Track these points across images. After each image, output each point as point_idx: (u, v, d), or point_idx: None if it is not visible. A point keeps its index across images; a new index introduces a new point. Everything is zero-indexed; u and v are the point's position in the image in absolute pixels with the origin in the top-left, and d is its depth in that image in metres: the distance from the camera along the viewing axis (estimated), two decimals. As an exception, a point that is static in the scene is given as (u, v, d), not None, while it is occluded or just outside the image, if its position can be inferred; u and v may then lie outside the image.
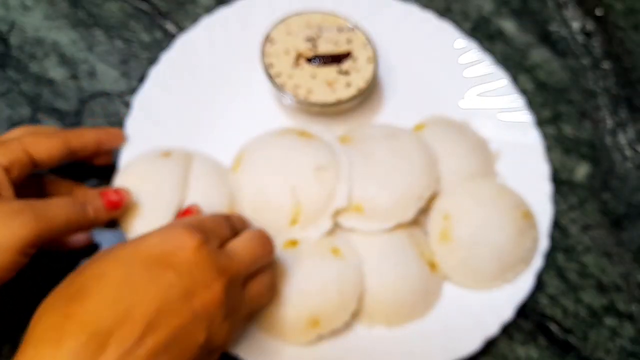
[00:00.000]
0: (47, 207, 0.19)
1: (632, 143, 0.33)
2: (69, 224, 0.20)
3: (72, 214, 0.20)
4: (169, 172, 0.24)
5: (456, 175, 0.27)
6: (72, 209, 0.20)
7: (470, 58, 0.32)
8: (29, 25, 0.33)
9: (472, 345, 0.24)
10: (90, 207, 0.21)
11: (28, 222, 0.18)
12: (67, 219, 0.20)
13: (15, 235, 0.18)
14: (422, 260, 0.26)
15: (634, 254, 0.30)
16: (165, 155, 0.25)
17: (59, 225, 0.19)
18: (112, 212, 0.22)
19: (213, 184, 0.25)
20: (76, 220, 0.20)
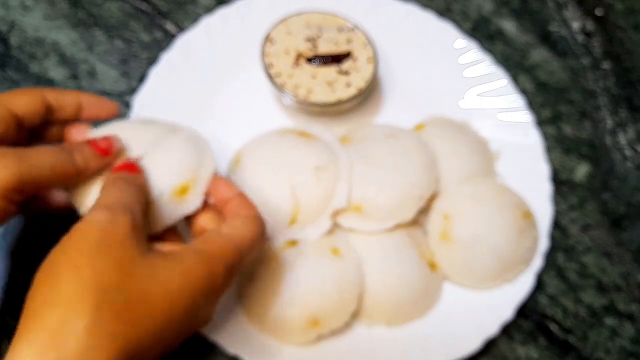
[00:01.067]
0: (31, 152, 0.18)
1: (632, 143, 0.33)
2: (55, 171, 0.19)
3: (58, 160, 0.19)
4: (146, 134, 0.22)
5: (456, 176, 0.27)
6: (58, 155, 0.19)
7: (470, 58, 0.32)
8: (29, 25, 0.33)
9: (472, 345, 0.24)
10: (78, 154, 0.20)
11: (10, 165, 0.17)
12: (52, 166, 0.19)
13: (3, 177, 0.17)
14: (422, 260, 0.26)
15: (634, 254, 0.30)
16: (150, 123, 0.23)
17: (44, 171, 0.18)
18: (101, 160, 0.20)
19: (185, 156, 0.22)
20: (63, 168, 0.19)
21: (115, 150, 0.20)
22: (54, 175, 0.19)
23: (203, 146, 0.22)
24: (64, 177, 0.19)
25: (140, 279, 0.16)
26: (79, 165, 0.19)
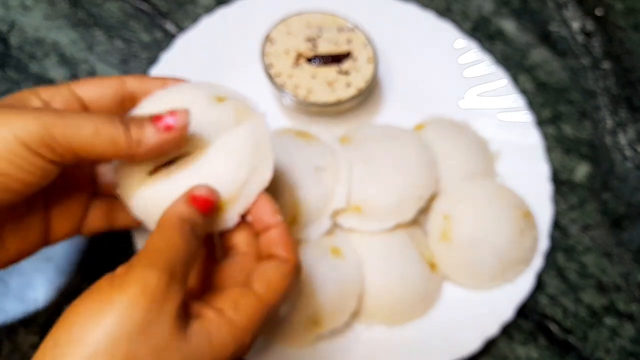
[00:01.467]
0: (77, 115, 0.16)
1: (632, 143, 0.33)
2: (100, 136, 0.16)
3: (103, 125, 0.16)
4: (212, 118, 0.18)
5: (456, 176, 0.27)
6: (105, 120, 0.16)
7: (470, 58, 0.32)
8: (29, 25, 0.33)
9: (472, 345, 0.24)
10: (134, 125, 0.17)
11: (40, 116, 0.16)
12: (97, 129, 0.16)
13: (25, 126, 0.15)
14: (422, 260, 0.26)
15: (634, 254, 0.30)
16: (220, 100, 0.19)
17: (84, 131, 0.16)
18: (163, 135, 0.17)
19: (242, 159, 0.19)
20: (110, 135, 0.16)
21: (180, 125, 0.17)
22: (98, 142, 0.16)
23: (264, 148, 0.19)
24: (111, 148, 0.16)
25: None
26: (133, 137, 0.16)
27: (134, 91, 0.20)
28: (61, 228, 0.20)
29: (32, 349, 0.25)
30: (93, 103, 0.19)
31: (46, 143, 0.16)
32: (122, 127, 0.17)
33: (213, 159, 0.18)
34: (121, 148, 0.17)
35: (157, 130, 0.17)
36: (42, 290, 0.26)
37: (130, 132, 0.17)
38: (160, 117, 0.17)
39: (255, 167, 0.19)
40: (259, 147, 0.19)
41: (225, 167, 0.18)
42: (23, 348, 0.25)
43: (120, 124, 0.17)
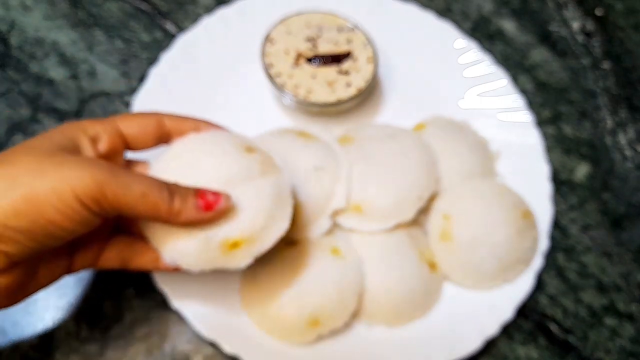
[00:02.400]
0: (127, 173, 0.18)
1: (632, 143, 0.33)
2: (145, 201, 0.18)
3: (153, 192, 0.18)
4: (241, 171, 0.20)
5: (456, 175, 0.27)
6: (155, 187, 0.18)
7: (470, 58, 0.32)
8: (29, 25, 0.33)
9: (472, 345, 0.24)
10: (178, 197, 0.18)
11: (96, 173, 0.17)
12: (144, 194, 0.18)
13: (80, 180, 0.17)
14: (422, 260, 0.26)
15: (634, 254, 0.30)
16: (248, 151, 0.20)
17: (133, 195, 0.17)
18: (201, 214, 0.18)
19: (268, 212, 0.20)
20: (154, 202, 0.18)
21: (220, 209, 0.19)
22: (142, 205, 0.18)
23: (284, 202, 0.20)
24: (153, 212, 0.18)
25: None
26: (175, 208, 0.18)
27: (170, 129, 0.22)
28: (82, 262, 0.21)
29: (32, 349, 0.25)
30: (134, 139, 0.21)
31: (97, 199, 0.17)
32: (168, 196, 0.18)
33: (237, 199, 0.19)
34: (161, 214, 0.18)
35: (198, 207, 0.19)
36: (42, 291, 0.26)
37: (173, 202, 0.18)
38: (204, 194, 0.19)
39: (274, 216, 0.20)
40: (281, 199, 0.20)
41: (247, 209, 0.19)
42: (23, 348, 0.25)
43: (166, 193, 0.18)
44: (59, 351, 0.25)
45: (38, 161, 0.17)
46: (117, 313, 0.26)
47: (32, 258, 0.18)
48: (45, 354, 0.25)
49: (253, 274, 0.25)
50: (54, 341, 0.25)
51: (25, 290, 0.20)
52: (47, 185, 0.17)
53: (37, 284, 0.20)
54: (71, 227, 0.17)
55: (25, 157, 0.18)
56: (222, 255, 0.19)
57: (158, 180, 0.19)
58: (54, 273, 0.21)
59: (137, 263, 0.22)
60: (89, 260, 0.21)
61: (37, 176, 0.17)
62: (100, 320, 0.26)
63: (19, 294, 0.19)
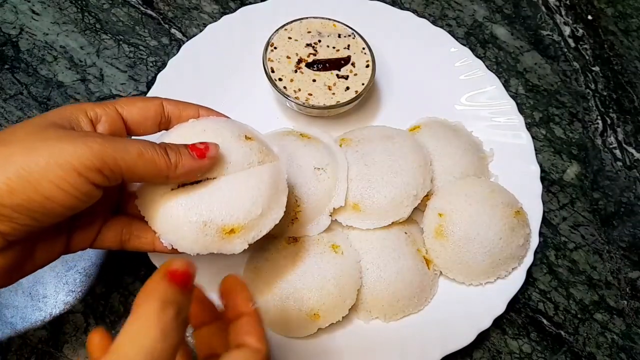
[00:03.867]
0: (121, 139, 0.18)
1: (621, 144, 0.34)
2: (143, 159, 0.18)
3: (148, 150, 0.18)
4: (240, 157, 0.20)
5: (450, 175, 0.28)
6: (149, 145, 0.18)
7: (464, 63, 0.33)
8: (38, 29, 0.34)
9: (466, 338, 0.25)
10: (171, 150, 0.18)
11: (93, 144, 0.17)
12: (140, 153, 0.18)
13: (77, 154, 0.16)
14: (417, 256, 0.27)
15: (624, 251, 0.31)
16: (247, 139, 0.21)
17: (130, 156, 0.17)
18: (196, 162, 0.19)
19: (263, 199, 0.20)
20: (152, 158, 0.18)
21: (212, 155, 0.19)
22: (141, 164, 0.18)
23: (280, 190, 0.21)
24: (152, 169, 0.18)
25: None
26: (172, 161, 0.18)
27: (170, 114, 0.22)
28: (80, 242, 0.21)
29: (41, 343, 0.26)
30: (134, 123, 0.21)
31: (96, 167, 0.17)
32: (162, 151, 0.18)
33: (234, 187, 0.20)
34: (161, 169, 0.18)
35: (192, 157, 0.19)
36: (51, 285, 0.27)
37: (168, 156, 0.19)
38: (195, 146, 0.19)
39: (270, 204, 0.20)
40: (277, 187, 0.21)
41: (245, 197, 0.20)
42: (32, 342, 0.26)
43: (160, 149, 0.18)
44: (67, 345, 0.26)
45: (31, 139, 0.17)
46: (125, 307, 0.27)
47: (29, 237, 0.18)
48: (54, 347, 0.26)
49: (255, 269, 0.26)
50: (63, 335, 0.26)
51: (22, 270, 0.19)
52: (42, 161, 0.16)
53: (34, 264, 0.20)
54: (69, 202, 0.17)
55: (18, 136, 0.17)
56: (219, 240, 0.20)
57: (150, 141, 0.19)
58: (52, 252, 0.20)
59: (135, 244, 0.22)
60: (88, 239, 0.21)
61: (31, 153, 0.16)
62: (108, 314, 0.26)
63: (15, 274, 0.19)
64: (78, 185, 0.17)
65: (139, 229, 0.22)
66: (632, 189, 0.33)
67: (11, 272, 0.19)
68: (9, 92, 0.32)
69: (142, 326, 0.15)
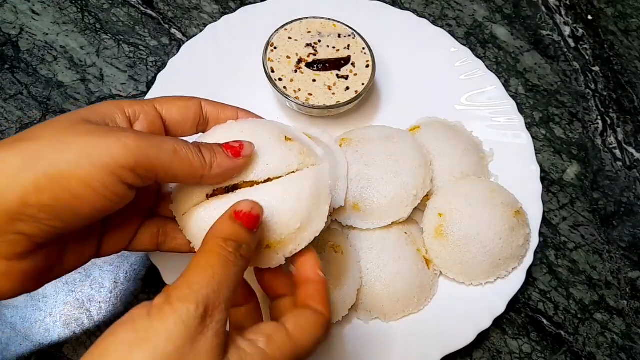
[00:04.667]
0: (156, 136, 0.17)
1: (621, 144, 0.34)
2: (177, 158, 0.17)
3: (182, 149, 0.17)
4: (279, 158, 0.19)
5: (450, 175, 0.28)
6: (183, 144, 0.17)
7: (464, 63, 0.33)
8: (38, 30, 0.34)
9: (466, 338, 0.25)
10: (206, 150, 0.18)
11: (127, 142, 0.16)
12: (174, 151, 0.17)
13: (109, 151, 0.16)
14: (417, 256, 0.27)
15: (624, 251, 0.31)
16: (287, 140, 0.20)
17: (165, 155, 0.17)
18: (231, 161, 0.18)
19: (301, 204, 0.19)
20: (186, 158, 0.17)
21: (247, 154, 0.19)
22: (176, 163, 0.17)
23: (322, 200, 0.19)
24: (187, 169, 0.17)
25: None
26: (206, 160, 0.18)
27: (209, 115, 0.21)
28: (112, 245, 0.21)
29: (41, 343, 0.26)
30: (174, 123, 0.20)
31: (130, 166, 0.16)
32: (197, 150, 0.18)
33: (273, 197, 0.19)
34: (195, 168, 0.18)
35: (227, 156, 0.18)
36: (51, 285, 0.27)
37: (203, 156, 0.18)
38: (230, 145, 0.19)
39: (310, 217, 0.19)
40: (319, 196, 0.20)
41: (283, 209, 0.19)
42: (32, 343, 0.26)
43: (195, 147, 0.18)
44: (67, 345, 0.26)
45: (61, 134, 0.16)
46: (124, 309, 0.27)
47: (58, 240, 0.17)
48: (54, 347, 0.26)
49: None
50: (63, 335, 0.26)
51: (50, 275, 0.19)
52: (71, 159, 0.15)
53: (63, 268, 0.19)
54: (100, 203, 0.16)
55: (48, 132, 0.16)
56: (254, 254, 0.19)
57: (184, 140, 0.18)
58: (82, 255, 0.20)
59: (171, 245, 0.21)
60: (121, 243, 0.21)
61: (61, 149, 0.16)
62: (108, 315, 0.26)
63: (43, 279, 0.18)
64: (109, 184, 0.16)
65: (175, 229, 0.21)
66: (632, 189, 0.33)
67: (39, 276, 0.18)
68: (9, 92, 0.32)
69: (206, 257, 0.16)
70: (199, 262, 0.16)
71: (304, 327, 0.17)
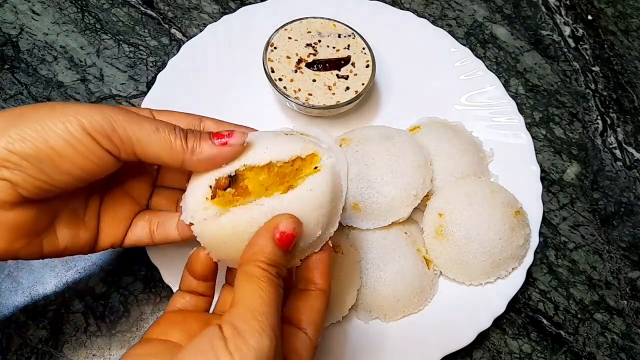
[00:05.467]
0: (140, 116, 0.18)
1: (621, 144, 0.34)
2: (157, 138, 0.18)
3: (163, 128, 0.18)
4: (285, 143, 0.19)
5: (450, 175, 0.28)
6: (166, 124, 0.18)
7: (464, 63, 0.33)
8: (38, 30, 0.34)
9: (466, 338, 0.25)
10: (192, 135, 0.18)
11: (106, 111, 0.17)
12: (155, 128, 0.18)
13: (88, 115, 0.17)
14: (418, 256, 0.27)
15: (624, 251, 0.31)
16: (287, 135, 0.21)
17: (143, 134, 0.17)
18: (216, 149, 0.18)
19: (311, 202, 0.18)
20: (166, 140, 0.18)
21: (235, 142, 0.18)
22: (155, 141, 0.18)
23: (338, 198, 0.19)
24: (166, 149, 0.18)
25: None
26: (189, 145, 0.18)
27: (207, 130, 0.22)
28: (110, 231, 0.21)
29: (41, 343, 0.26)
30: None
31: (106, 133, 0.17)
32: (181, 134, 0.18)
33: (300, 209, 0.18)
34: (175, 151, 0.18)
35: (212, 143, 0.19)
36: (51, 285, 0.27)
37: (187, 141, 0.18)
38: (218, 134, 0.19)
39: (330, 220, 0.19)
40: (336, 198, 0.20)
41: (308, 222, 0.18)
42: (32, 342, 0.26)
43: (179, 131, 0.18)
44: (67, 345, 0.26)
45: (50, 106, 0.17)
46: (124, 308, 0.27)
47: (47, 203, 0.18)
48: (54, 347, 0.26)
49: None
50: (63, 335, 0.26)
51: (43, 242, 0.19)
52: (54, 116, 0.17)
53: (57, 243, 0.19)
54: (81, 162, 0.17)
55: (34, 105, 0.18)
56: None
57: (170, 123, 0.18)
58: (77, 239, 0.20)
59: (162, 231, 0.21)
60: (118, 230, 0.21)
61: (47, 112, 0.17)
62: (108, 314, 0.26)
63: (35, 245, 0.18)
64: (88, 145, 0.17)
65: (167, 216, 0.22)
66: (632, 189, 0.33)
67: (28, 235, 0.18)
68: (9, 92, 0.32)
69: (259, 283, 0.16)
70: (253, 289, 0.16)
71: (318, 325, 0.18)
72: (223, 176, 0.19)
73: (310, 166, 0.19)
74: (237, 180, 0.19)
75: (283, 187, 0.19)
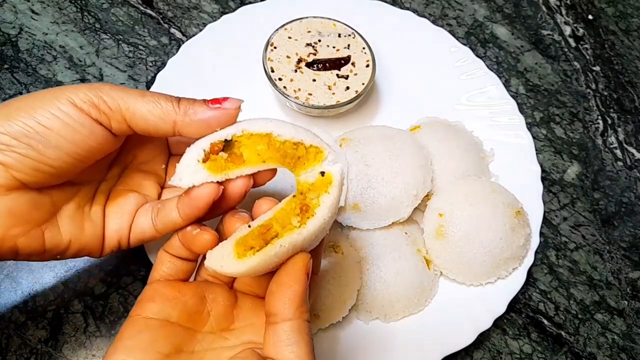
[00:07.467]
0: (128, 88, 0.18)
1: (622, 143, 0.34)
2: (145, 101, 0.18)
3: (153, 95, 0.18)
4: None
5: (450, 175, 0.28)
6: (155, 93, 0.18)
7: (464, 62, 0.33)
8: (38, 29, 0.34)
9: (466, 338, 0.25)
10: (185, 101, 0.18)
11: (93, 84, 0.18)
12: (141, 95, 0.18)
13: (75, 88, 0.17)
14: (418, 256, 0.27)
15: (624, 251, 0.31)
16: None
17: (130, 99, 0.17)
18: (211, 110, 0.18)
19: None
20: (155, 103, 0.18)
21: (230, 106, 0.18)
22: (142, 105, 0.18)
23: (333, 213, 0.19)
24: (156, 111, 0.18)
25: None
26: (182, 107, 0.18)
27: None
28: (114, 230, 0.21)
29: (41, 343, 0.26)
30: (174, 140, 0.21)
31: (94, 103, 0.17)
32: (173, 98, 0.18)
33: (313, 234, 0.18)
34: (166, 112, 0.18)
35: (206, 106, 0.18)
36: (51, 286, 0.27)
37: (179, 103, 0.18)
38: (214, 100, 0.19)
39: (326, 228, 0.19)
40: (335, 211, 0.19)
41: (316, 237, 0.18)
42: (32, 342, 0.26)
43: (170, 97, 0.18)
44: (67, 345, 0.26)
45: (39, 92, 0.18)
46: (124, 309, 0.27)
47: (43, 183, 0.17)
48: (54, 347, 0.26)
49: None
50: (62, 336, 0.26)
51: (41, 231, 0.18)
52: (44, 99, 0.17)
53: (59, 235, 0.19)
54: (72, 135, 0.17)
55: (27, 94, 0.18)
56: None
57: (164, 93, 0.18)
58: (81, 230, 0.19)
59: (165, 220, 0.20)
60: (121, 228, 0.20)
61: (35, 96, 0.17)
62: (108, 315, 0.26)
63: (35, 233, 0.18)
64: (77, 117, 0.17)
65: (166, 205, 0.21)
66: (633, 189, 0.33)
67: (27, 222, 0.18)
68: (8, 92, 0.32)
69: (300, 326, 0.17)
70: (307, 344, 0.17)
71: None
72: (219, 139, 0.19)
73: (314, 161, 0.19)
74: (232, 146, 0.19)
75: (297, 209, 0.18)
